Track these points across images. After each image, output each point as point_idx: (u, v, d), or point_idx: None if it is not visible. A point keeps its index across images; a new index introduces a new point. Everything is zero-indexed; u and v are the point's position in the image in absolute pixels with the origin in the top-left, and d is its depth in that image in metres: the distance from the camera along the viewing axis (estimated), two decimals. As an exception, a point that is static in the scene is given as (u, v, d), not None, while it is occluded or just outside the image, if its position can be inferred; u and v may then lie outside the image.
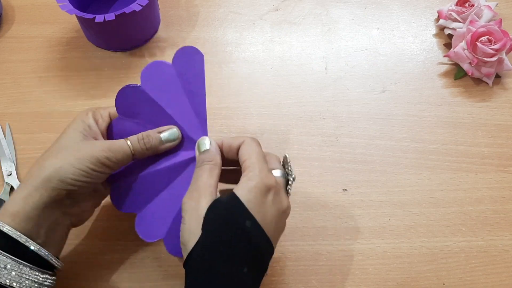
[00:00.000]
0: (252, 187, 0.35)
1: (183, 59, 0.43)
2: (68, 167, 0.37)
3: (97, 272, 0.47)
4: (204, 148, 0.39)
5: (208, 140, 0.40)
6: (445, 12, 0.64)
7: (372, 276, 0.47)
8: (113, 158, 0.39)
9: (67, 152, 0.38)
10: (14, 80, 0.61)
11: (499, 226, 0.50)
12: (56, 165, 0.37)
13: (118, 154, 0.39)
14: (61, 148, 0.39)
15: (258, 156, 0.37)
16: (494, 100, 0.59)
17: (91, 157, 0.38)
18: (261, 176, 0.36)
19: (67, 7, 0.58)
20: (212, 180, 0.37)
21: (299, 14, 0.68)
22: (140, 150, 0.40)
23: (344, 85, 0.60)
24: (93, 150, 0.38)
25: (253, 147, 0.38)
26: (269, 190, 0.36)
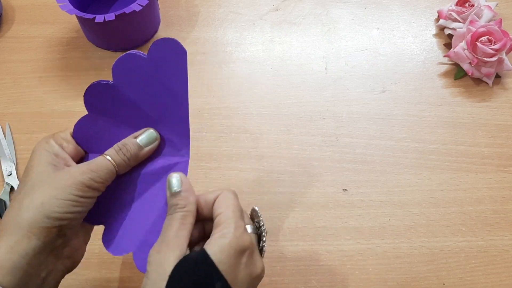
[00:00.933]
0: (225, 246, 0.32)
1: (161, 52, 0.37)
2: (52, 201, 0.33)
3: (97, 272, 0.47)
4: (174, 190, 0.35)
5: (179, 179, 0.35)
6: (445, 12, 0.64)
7: (372, 276, 0.47)
8: (98, 178, 0.35)
9: (44, 187, 0.33)
10: (14, 80, 0.61)
11: (499, 226, 0.50)
12: (37, 202, 0.32)
13: (101, 173, 0.35)
14: (34, 185, 0.34)
15: (234, 210, 0.34)
16: (494, 100, 0.59)
17: (75, 183, 0.33)
18: (236, 234, 0.32)
19: (67, 7, 0.58)
20: (183, 231, 0.33)
21: (299, 14, 0.68)
22: (122, 162, 0.36)
23: (344, 85, 0.60)
24: (73, 176, 0.34)
25: (230, 200, 0.35)
26: (244, 251, 0.32)
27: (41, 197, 0.33)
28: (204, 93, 0.60)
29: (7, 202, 0.51)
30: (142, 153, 0.37)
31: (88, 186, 0.34)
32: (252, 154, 0.55)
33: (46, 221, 0.32)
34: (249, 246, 0.33)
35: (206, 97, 0.59)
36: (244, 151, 0.55)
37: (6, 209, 0.50)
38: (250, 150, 0.55)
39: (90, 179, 0.34)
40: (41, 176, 0.34)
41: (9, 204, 0.34)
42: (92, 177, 0.34)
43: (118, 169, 0.36)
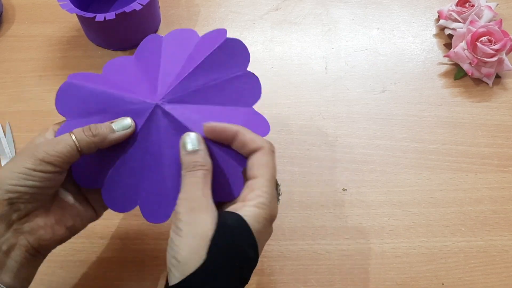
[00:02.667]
0: (262, 217, 0.33)
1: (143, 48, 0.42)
2: (6, 173, 0.33)
3: (96, 271, 0.47)
4: (193, 148, 0.35)
5: (197, 137, 0.35)
6: (446, 12, 0.64)
7: (371, 275, 0.47)
8: (52, 151, 0.34)
9: (11, 161, 0.34)
10: (15, 79, 0.61)
11: (498, 226, 0.50)
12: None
13: (57, 147, 0.34)
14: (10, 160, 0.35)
15: (271, 178, 0.34)
16: (494, 100, 0.59)
17: (28, 156, 0.33)
18: (271, 207, 0.33)
19: (67, 6, 0.58)
20: (207, 190, 0.34)
21: (300, 14, 0.68)
22: (86, 139, 0.35)
23: (344, 85, 0.60)
24: (30, 148, 0.34)
25: (269, 164, 0.35)
26: (272, 221, 0.34)
27: (2, 170, 0.34)
28: (204, 93, 0.60)
29: (7, 200, 0.51)
30: (113, 135, 0.36)
31: (41, 159, 0.33)
32: (252, 154, 0.55)
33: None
34: (276, 217, 0.35)
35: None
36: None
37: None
38: (250, 149, 0.55)
39: (44, 151, 0.34)
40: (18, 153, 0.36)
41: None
42: (46, 150, 0.34)
43: (80, 146, 0.35)
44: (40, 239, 0.35)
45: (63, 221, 0.37)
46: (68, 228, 0.37)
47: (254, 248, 0.32)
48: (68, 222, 0.37)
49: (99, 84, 0.40)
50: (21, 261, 0.34)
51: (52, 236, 0.36)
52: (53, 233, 0.36)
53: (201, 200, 0.33)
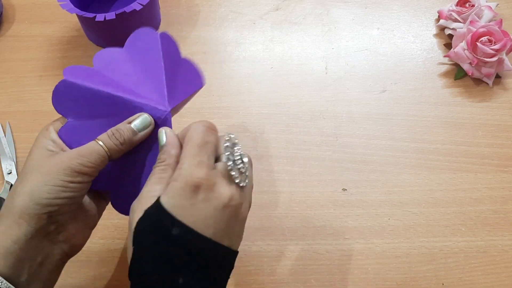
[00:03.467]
0: (175, 189, 0.31)
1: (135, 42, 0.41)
2: (41, 187, 0.33)
3: (96, 271, 0.47)
4: (160, 144, 0.35)
5: (163, 133, 0.35)
6: (446, 12, 0.64)
7: (371, 275, 0.47)
8: (88, 163, 0.34)
9: (37, 173, 0.34)
10: (15, 79, 0.61)
11: (498, 226, 0.50)
12: (27, 189, 0.33)
13: (91, 157, 0.34)
14: (28, 171, 0.34)
15: (191, 147, 0.33)
16: (494, 100, 0.59)
17: (63, 169, 0.33)
18: (186, 174, 0.31)
19: (67, 6, 0.58)
20: (158, 185, 0.33)
21: (300, 14, 0.68)
22: (114, 147, 0.36)
23: (344, 85, 0.60)
24: (63, 161, 0.34)
25: (192, 135, 0.33)
26: (198, 188, 0.31)
27: (31, 183, 0.33)
28: (204, 93, 0.60)
29: (7, 200, 0.51)
30: (136, 138, 0.36)
31: (77, 171, 0.34)
32: (252, 154, 0.55)
33: (35, 207, 0.33)
34: (203, 182, 0.31)
35: (206, 96, 0.59)
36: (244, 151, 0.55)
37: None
38: (250, 149, 0.55)
39: (79, 164, 0.34)
40: (36, 162, 0.35)
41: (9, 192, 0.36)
42: (82, 162, 0.34)
43: (110, 153, 0.35)
44: (73, 246, 0.36)
45: (88, 223, 0.38)
46: (91, 228, 0.39)
47: (176, 225, 0.30)
48: (91, 223, 0.39)
49: (99, 83, 0.39)
50: (53, 269, 0.35)
51: (82, 240, 0.37)
52: (83, 238, 0.37)
53: (142, 197, 0.33)
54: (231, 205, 0.32)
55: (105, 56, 0.41)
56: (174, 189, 0.31)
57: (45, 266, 0.34)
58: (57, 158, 0.35)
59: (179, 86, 0.40)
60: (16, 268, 0.32)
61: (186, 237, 0.30)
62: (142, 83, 0.39)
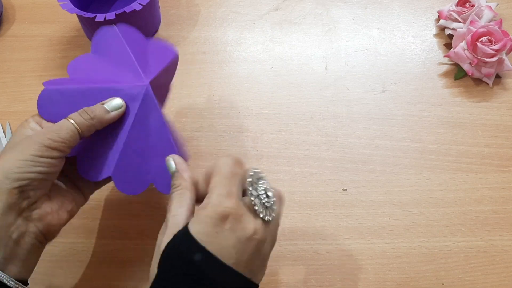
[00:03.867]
0: (203, 217, 0.32)
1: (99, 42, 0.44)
2: (11, 162, 0.34)
3: (96, 270, 0.47)
4: (171, 171, 0.37)
5: (172, 160, 0.38)
6: (446, 12, 0.64)
7: (371, 275, 0.47)
8: (57, 138, 0.36)
9: (10, 150, 0.35)
10: (15, 79, 0.61)
11: (498, 226, 0.50)
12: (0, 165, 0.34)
13: (61, 133, 0.36)
14: (3, 152, 0.36)
15: (221, 178, 0.34)
16: (494, 100, 0.59)
17: (34, 143, 0.35)
18: (215, 203, 0.32)
19: (67, 6, 0.58)
20: (180, 208, 0.34)
21: (300, 14, 0.68)
22: (84, 122, 0.37)
23: (344, 85, 0.60)
24: (34, 137, 0.36)
25: (221, 166, 0.35)
26: (226, 218, 0.32)
27: (3, 161, 0.34)
28: (204, 93, 0.60)
29: (7, 200, 0.51)
30: (108, 116, 0.39)
31: (47, 146, 0.35)
32: (252, 154, 0.55)
33: (5, 181, 0.34)
34: (231, 212, 0.32)
35: (206, 96, 0.59)
36: (243, 151, 0.55)
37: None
38: (250, 149, 0.55)
39: (49, 139, 0.35)
40: (12, 144, 0.37)
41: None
42: (51, 137, 0.35)
43: (81, 129, 0.37)
44: (49, 225, 0.37)
45: (64, 206, 0.39)
46: (69, 212, 0.39)
47: (199, 251, 0.31)
48: (68, 207, 0.39)
49: (77, 83, 0.41)
50: (30, 248, 0.35)
51: (58, 221, 0.38)
52: (59, 218, 0.38)
53: (168, 221, 0.34)
54: (254, 238, 0.33)
55: (77, 63, 0.43)
56: (202, 216, 0.32)
57: (22, 244, 0.35)
58: (30, 136, 0.36)
59: (152, 62, 0.42)
60: None
61: (208, 264, 0.31)
62: (116, 72, 0.42)
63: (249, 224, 0.33)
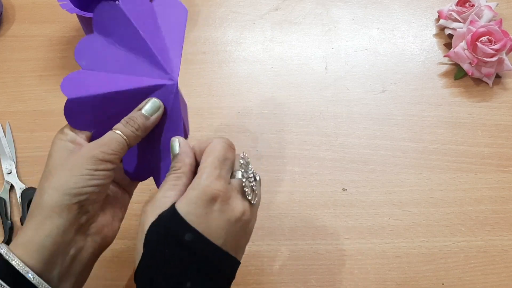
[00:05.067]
0: (192, 198, 0.32)
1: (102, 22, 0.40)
2: (68, 179, 0.34)
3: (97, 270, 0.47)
4: (174, 153, 0.37)
5: (177, 142, 0.37)
6: (446, 12, 0.64)
7: (371, 275, 0.47)
8: (109, 151, 0.36)
9: (61, 168, 0.35)
10: (15, 79, 0.61)
11: (498, 226, 0.50)
12: (54, 184, 0.34)
13: (111, 145, 0.36)
14: (51, 169, 0.35)
15: (213, 160, 0.34)
16: (494, 100, 0.59)
17: (87, 158, 0.35)
18: (204, 184, 0.33)
19: (67, 6, 0.58)
20: (171, 191, 0.34)
21: (300, 13, 0.68)
22: (131, 134, 0.37)
23: (344, 85, 0.60)
24: (86, 152, 0.35)
25: (214, 149, 0.35)
26: (214, 199, 0.33)
27: (57, 178, 0.34)
28: (204, 92, 0.60)
29: (6, 200, 0.51)
30: (149, 122, 0.38)
31: (101, 159, 0.35)
32: (252, 154, 0.55)
33: (65, 198, 0.33)
34: (220, 194, 0.33)
35: (206, 96, 0.59)
36: (244, 151, 0.55)
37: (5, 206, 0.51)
38: (250, 149, 0.55)
39: (102, 152, 0.35)
40: (58, 161, 0.36)
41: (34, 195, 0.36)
42: (104, 150, 0.35)
43: (128, 140, 0.37)
44: (105, 237, 0.37)
45: (116, 215, 0.39)
46: (120, 220, 0.39)
47: (189, 231, 0.32)
48: (119, 215, 0.39)
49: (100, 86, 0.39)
50: (86, 263, 0.36)
51: (113, 232, 0.38)
52: (113, 229, 0.38)
53: (156, 201, 0.34)
54: (242, 219, 0.34)
55: (84, 50, 0.40)
56: (191, 197, 0.33)
57: (78, 260, 0.35)
58: (79, 152, 0.36)
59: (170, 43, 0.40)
60: (48, 263, 0.33)
61: (198, 244, 0.32)
62: (135, 62, 0.39)
63: (238, 206, 0.34)
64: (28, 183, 0.52)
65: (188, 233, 0.32)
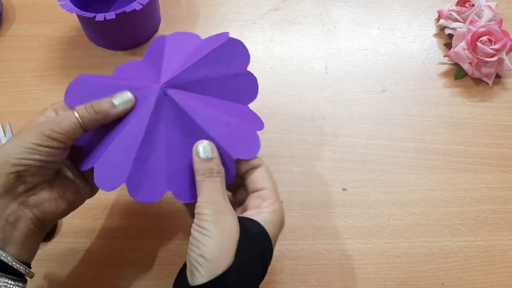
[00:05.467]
0: (277, 223, 0.36)
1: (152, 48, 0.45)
2: (12, 148, 0.35)
3: (97, 270, 0.47)
4: (207, 156, 0.37)
5: (210, 145, 0.37)
6: (446, 12, 0.64)
7: (371, 275, 0.47)
8: (58, 129, 0.36)
9: (14, 137, 0.36)
10: (15, 78, 0.61)
11: (498, 226, 0.50)
12: (2, 149, 0.35)
13: (62, 124, 0.36)
14: (12, 137, 0.37)
15: (276, 188, 0.38)
16: (494, 100, 0.59)
17: (34, 132, 0.35)
18: (283, 214, 0.37)
19: (67, 6, 0.58)
20: (226, 195, 0.36)
21: (300, 13, 0.68)
22: (88, 116, 0.37)
23: (344, 84, 0.60)
24: (34, 127, 0.36)
25: (271, 176, 0.39)
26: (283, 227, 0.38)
27: (6, 146, 0.35)
28: (204, 92, 0.60)
29: (7, 200, 0.51)
30: (114, 111, 0.38)
31: (47, 135, 0.35)
32: (252, 154, 0.55)
33: (4, 166, 0.34)
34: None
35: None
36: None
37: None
38: (250, 149, 0.55)
39: (49, 129, 0.35)
40: (20, 131, 0.37)
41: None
42: (52, 127, 0.36)
43: (84, 123, 0.37)
44: (44, 212, 0.37)
45: (65, 196, 0.39)
46: (69, 203, 0.39)
47: (271, 252, 0.36)
48: (70, 197, 0.39)
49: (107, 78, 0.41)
50: (27, 232, 0.36)
51: (55, 210, 0.38)
52: (56, 207, 0.38)
53: (224, 203, 0.35)
54: None
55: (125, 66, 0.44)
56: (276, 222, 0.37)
57: (19, 228, 0.36)
58: (35, 125, 0.37)
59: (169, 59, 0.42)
60: None
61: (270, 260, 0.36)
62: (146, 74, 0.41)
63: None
64: (28, 183, 0.52)
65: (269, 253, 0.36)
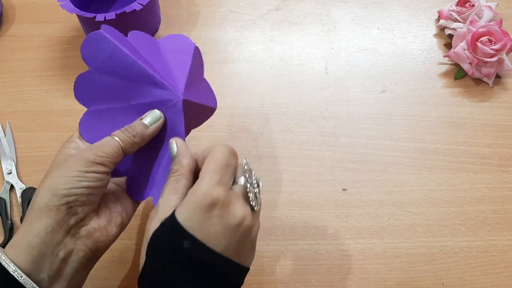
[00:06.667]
0: (191, 204, 0.32)
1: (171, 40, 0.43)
2: (58, 179, 0.34)
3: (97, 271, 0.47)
4: (172, 155, 0.37)
5: (175, 143, 0.37)
6: (446, 12, 0.64)
7: (371, 275, 0.47)
8: (101, 153, 0.36)
9: (56, 169, 0.35)
10: (15, 79, 0.61)
11: (498, 226, 0.50)
12: (46, 184, 0.34)
13: (105, 148, 0.36)
14: (48, 172, 0.36)
15: (214, 166, 0.34)
16: (494, 100, 0.59)
17: (79, 160, 0.35)
18: (204, 189, 0.33)
19: (67, 6, 0.58)
20: (172, 195, 0.34)
21: (300, 13, 0.68)
22: (127, 139, 0.37)
23: (344, 85, 0.60)
24: (79, 154, 0.36)
25: (216, 154, 0.35)
26: (214, 204, 0.32)
27: (50, 179, 0.35)
28: (204, 93, 0.60)
29: (6, 200, 0.51)
30: (148, 131, 0.38)
31: (92, 161, 0.35)
32: (252, 154, 0.55)
33: (53, 199, 0.33)
34: (220, 199, 0.32)
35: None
36: (244, 151, 0.55)
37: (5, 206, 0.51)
38: (250, 149, 0.55)
39: (94, 154, 0.35)
40: (57, 163, 0.37)
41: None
42: (96, 152, 0.35)
43: (124, 146, 0.37)
44: (97, 241, 0.36)
45: (113, 220, 0.38)
46: (118, 225, 0.38)
47: (187, 238, 0.32)
48: (117, 220, 0.38)
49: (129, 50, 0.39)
50: (77, 267, 0.35)
51: (106, 237, 0.37)
52: (107, 234, 0.37)
53: (158, 206, 0.34)
54: (243, 225, 0.34)
55: (139, 35, 0.42)
56: (190, 203, 0.33)
57: (69, 263, 0.35)
58: (74, 154, 0.37)
59: (197, 90, 0.42)
60: (37, 263, 0.33)
61: (196, 251, 0.32)
62: (167, 70, 0.40)
63: (238, 211, 0.33)
64: (28, 183, 0.52)
65: (186, 240, 0.32)
